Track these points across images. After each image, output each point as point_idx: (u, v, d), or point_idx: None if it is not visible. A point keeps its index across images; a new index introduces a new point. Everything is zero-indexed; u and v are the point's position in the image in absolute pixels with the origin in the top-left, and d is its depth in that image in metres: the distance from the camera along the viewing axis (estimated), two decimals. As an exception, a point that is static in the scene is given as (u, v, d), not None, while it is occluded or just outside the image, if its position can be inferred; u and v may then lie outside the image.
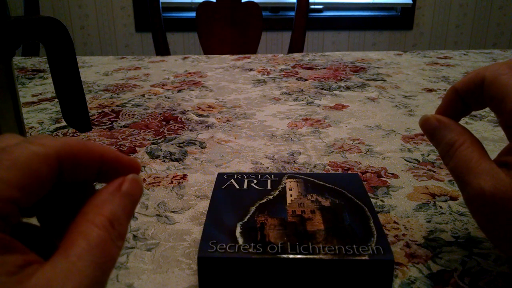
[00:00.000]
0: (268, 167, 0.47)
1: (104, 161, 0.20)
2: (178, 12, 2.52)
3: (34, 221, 0.22)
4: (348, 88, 0.75)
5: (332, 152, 0.51)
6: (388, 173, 0.46)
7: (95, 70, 0.88)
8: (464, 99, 0.32)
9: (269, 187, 0.36)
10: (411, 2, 2.45)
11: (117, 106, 0.67)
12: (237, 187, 0.36)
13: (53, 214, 0.22)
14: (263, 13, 1.51)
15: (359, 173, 0.43)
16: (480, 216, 0.28)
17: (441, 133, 0.31)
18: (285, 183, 0.36)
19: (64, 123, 0.60)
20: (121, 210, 0.19)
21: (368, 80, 0.79)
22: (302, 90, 0.74)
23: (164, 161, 0.49)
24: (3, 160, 0.17)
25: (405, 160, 0.49)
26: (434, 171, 0.46)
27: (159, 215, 0.39)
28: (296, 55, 0.99)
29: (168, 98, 0.70)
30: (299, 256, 0.28)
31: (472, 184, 0.27)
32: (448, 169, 0.30)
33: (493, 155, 0.29)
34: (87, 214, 0.18)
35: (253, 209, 0.33)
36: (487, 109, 0.32)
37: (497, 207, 0.26)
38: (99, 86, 0.78)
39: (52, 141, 0.19)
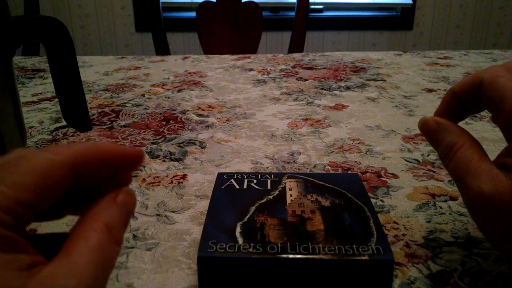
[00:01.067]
0: (268, 167, 0.47)
1: (115, 161, 0.22)
2: (178, 12, 2.52)
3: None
4: (348, 88, 0.75)
5: (332, 152, 0.51)
6: (388, 173, 0.46)
7: (95, 70, 0.88)
8: (462, 101, 0.32)
9: (269, 187, 0.36)
10: (411, 2, 2.45)
11: (117, 106, 0.67)
12: (237, 187, 0.36)
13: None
14: (263, 13, 1.51)
15: (359, 173, 0.43)
16: (479, 217, 0.28)
17: (440, 135, 0.31)
18: (285, 183, 0.36)
19: (64, 123, 0.60)
20: (117, 218, 0.20)
21: (368, 80, 0.79)
22: (302, 90, 0.74)
23: (164, 161, 0.49)
24: (21, 166, 0.18)
25: (405, 160, 0.49)
26: (434, 171, 0.46)
27: (159, 215, 0.39)
28: (296, 55, 0.99)
29: (168, 98, 0.70)
30: (299, 256, 0.28)
31: (471, 186, 0.27)
32: (448, 171, 0.30)
33: (492, 156, 0.29)
34: (86, 221, 0.20)
35: (253, 209, 0.33)
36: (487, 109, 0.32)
37: (496, 209, 0.26)
38: (99, 86, 0.78)
39: (68, 150, 0.20)
